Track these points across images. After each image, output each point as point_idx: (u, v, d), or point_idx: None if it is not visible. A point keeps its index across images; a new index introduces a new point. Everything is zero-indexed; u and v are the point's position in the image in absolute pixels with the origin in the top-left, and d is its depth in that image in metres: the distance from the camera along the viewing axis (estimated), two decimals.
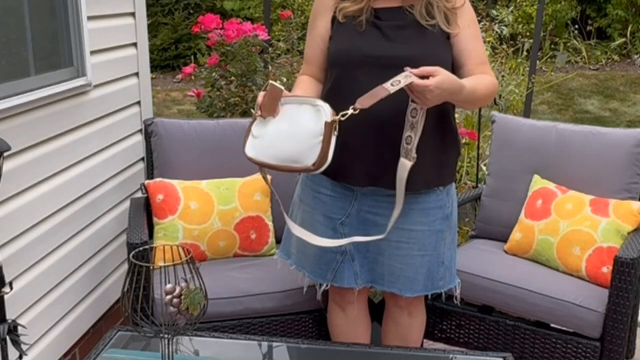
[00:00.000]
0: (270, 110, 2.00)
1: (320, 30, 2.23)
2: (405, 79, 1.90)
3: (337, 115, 1.93)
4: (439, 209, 2.23)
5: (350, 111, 1.92)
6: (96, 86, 2.82)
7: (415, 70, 1.90)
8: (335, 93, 2.16)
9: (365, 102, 1.92)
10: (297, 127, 1.96)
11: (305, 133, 1.94)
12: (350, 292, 2.32)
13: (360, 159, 2.13)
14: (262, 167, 2.08)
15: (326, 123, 1.91)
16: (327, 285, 2.33)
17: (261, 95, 2.01)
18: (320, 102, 1.96)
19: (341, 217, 2.23)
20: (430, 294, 2.30)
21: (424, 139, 2.09)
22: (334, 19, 2.20)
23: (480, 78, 2.11)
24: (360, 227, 2.21)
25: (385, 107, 1.98)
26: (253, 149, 2.04)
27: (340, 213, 2.23)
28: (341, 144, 2.11)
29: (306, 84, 2.27)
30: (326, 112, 1.93)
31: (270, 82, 2.02)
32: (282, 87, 2.02)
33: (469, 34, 2.15)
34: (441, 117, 2.15)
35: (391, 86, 1.90)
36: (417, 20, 2.12)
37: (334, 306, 2.44)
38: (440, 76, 1.91)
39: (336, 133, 1.94)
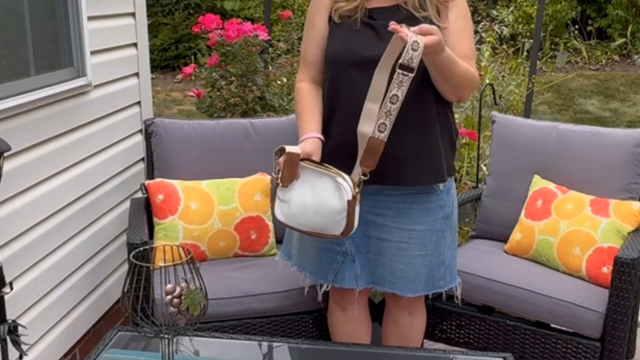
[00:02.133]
0: (291, 177, 2.05)
1: (319, 29, 2.23)
2: (409, 66, 1.90)
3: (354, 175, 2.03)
4: (439, 208, 2.23)
5: (364, 178, 2.02)
6: (96, 86, 2.81)
7: (415, 28, 1.90)
8: (332, 94, 2.18)
9: (369, 162, 2.01)
10: (321, 202, 2.03)
11: (330, 211, 2.02)
12: (350, 292, 2.32)
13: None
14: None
15: (348, 201, 1.99)
16: (327, 286, 2.33)
17: (281, 162, 2.03)
18: (340, 180, 2.01)
19: None
20: (430, 293, 2.30)
21: (421, 134, 2.10)
22: (330, 19, 2.20)
23: (464, 63, 2.10)
24: (360, 227, 2.20)
25: None
26: (282, 215, 2.12)
27: None
28: (342, 143, 2.12)
29: (311, 99, 2.23)
30: (347, 191, 1.99)
31: (287, 149, 2.02)
32: (299, 150, 2.05)
33: (456, 27, 2.15)
34: (438, 110, 2.16)
35: (387, 118, 1.95)
36: (410, 15, 2.12)
37: (334, 306, 2.44)
38: (440, 35, 1.94)
39: (358, 203, 2.03)
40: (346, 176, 2.02)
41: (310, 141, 2.13)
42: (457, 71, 2.07)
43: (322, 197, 2.03)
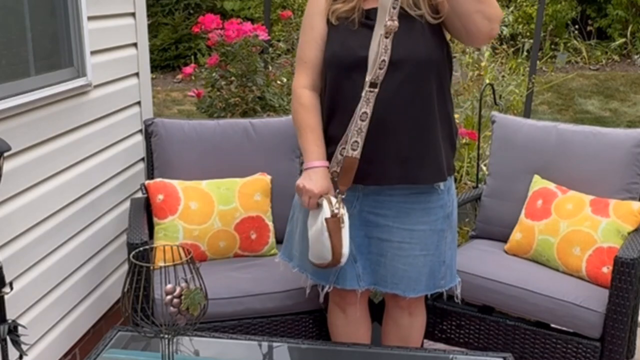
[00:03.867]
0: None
1: (319, 30, 2.22)
2: (376, 83, 1.98)
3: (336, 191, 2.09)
4: (439, 207, 2.23)
5: (342, 197, 2.07)
6: (96, 86, 2.82)
7: None
8: (332, 95, 2.17)
9: (345, 181, 2.08)
10: (315, 227, 2.09)
11: (313, 231, 2.08)
12: (351, 293, 2.32)
13: (363, 158, 2.13)
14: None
15: (326, 219, 2.02)
16: (329, 287, 2.32)
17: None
18: (320, 199, 2.06)
19: None
20: (431, 293, 2.30)
21: (422, 132, 2.10)
22: (327, 21, 2.20)
23: None
24: (362, 228, 2.21)
25: (388, 108, 2.02)
26: (310, 254, 2.18)
27: None
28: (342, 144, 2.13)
29: (313, 115, 2.20)
30: (325, 209, 2.03)
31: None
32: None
33: None
34: (439, 108, 2.15)
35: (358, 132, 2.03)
36: (405, 14, 2.09)
37: (334, 307, 2.44)
38: None
39: (344, 225, 2.04)
40: (330, 196, 2.06)
41: (320, 174, 2.13)
42: None
43: (318, 221, 2.08)
